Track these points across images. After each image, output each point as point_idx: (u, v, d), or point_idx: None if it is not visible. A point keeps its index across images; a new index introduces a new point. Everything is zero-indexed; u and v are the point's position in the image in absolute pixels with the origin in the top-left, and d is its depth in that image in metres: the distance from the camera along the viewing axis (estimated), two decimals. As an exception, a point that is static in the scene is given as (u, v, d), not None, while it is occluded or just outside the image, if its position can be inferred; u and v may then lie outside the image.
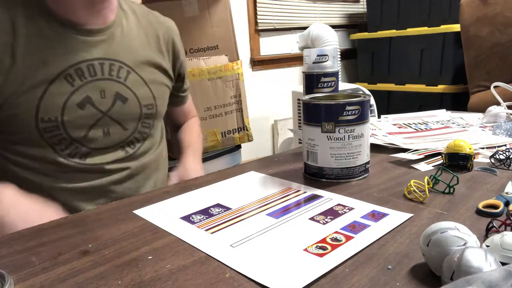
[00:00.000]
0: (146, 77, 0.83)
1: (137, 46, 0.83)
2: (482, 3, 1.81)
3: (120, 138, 0.81)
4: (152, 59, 0.85)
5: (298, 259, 0.43)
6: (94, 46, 0.77)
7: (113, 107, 0.78)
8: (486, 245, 0.39)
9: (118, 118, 0.79)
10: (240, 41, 2.48)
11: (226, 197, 0.63)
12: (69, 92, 0.73)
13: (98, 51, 0.77)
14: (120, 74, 0.79)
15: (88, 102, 0.75)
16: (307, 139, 0.68)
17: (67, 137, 0.75)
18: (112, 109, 0.78)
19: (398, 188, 0.62)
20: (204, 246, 0.47)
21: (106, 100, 0.77)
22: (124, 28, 0.82)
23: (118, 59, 0.79)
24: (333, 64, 0.76)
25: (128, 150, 0.83)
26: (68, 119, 0.73)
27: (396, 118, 1.09)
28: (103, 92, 0.77)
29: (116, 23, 0.81)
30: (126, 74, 0.80)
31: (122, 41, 0.81)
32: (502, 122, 0.92)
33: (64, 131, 0.74)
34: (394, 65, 2.72)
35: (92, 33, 0.77)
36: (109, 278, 0.42)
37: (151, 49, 0.86)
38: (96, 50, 0.77)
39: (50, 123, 0.73)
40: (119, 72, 0.79)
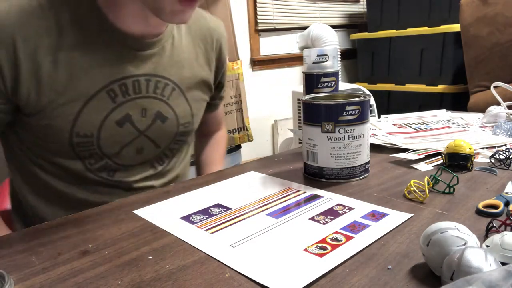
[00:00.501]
0: (189, 95, 0.79)
1: (185, 61, 0.78)
2: (482, 3, 1.81)
3: (151, 155, 0.78)
4: (198, 74, 0.81)
5: (298, 259, 0.43)
6: (143, 60, 0.71)
7: (152, 127, 0.75)
8: (486, 245, 0.39)
9: (154, 137, 0.76)
10: (240, 41, 2.49)
11: (226, 197, 0.63)
12: (110, 108, 0.69)
13: (147, 67, 0.72)
14: (165, 92, 0.75)
15: (128, 121, 0.71)
16: (307, 139, 0.68)
17: (99, 152, 0.71)
18: (150, 128, 0.75)
19: (398, 188, 0.62)
20: (204, 246, 0.47)
21: (146, 119, 0.73)
22: (175, 41, 0.77)
23: (165, 75, 0.74)
24: (333, 64, 0.76)
25: (157, 166, 0.80)
26: (104, 135, 0.70)
27: (396, 118, 1.09)
28: (144, 110, 0.73)
29: (167, 35, 0.75)
30: (171, 92, 0.76)
31: (172, 55, 0.76)
32: (502, 122, 0.92)
33: (98, 147, 0.71)
34: (394, 65, 2.72)
35: (142, 46, 0.71)
36: (109, 278, 0.42)
37: (199, 63, 0.82)
38: (145, 66, 0.71)
39: (85, 138, 0.69)
40: (164, 90, 0.75)
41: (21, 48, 0.62)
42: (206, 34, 0.84)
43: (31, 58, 0.63)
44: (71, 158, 0.71)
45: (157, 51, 0.73)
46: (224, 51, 0.88)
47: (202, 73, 0.82)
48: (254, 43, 2.73)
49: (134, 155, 0.75)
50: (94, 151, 0.71)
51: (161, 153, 0.80)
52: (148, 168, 0.79)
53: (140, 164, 0.78)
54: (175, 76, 0.76)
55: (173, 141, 0.80)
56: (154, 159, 0.79)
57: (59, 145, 0.69)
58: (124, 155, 0.74)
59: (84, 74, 0.66)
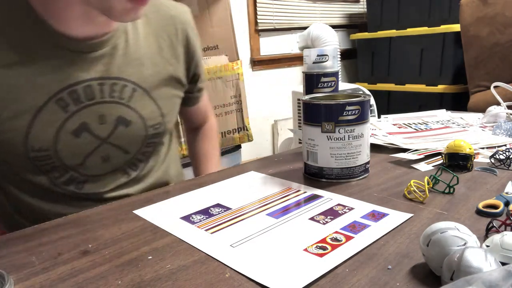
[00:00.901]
0: (155, 94, 0.73)
1: (145, 58, 0.72)
2: (482, 3, 1.81)
3: (121, 162, 0.73)
4: (164, 70, 0.75)
5: (298, 259, 0.43)
6: (92, 63, 0.65)
7: (114, 133, 0.70)
8: (486, 245, 0.39)
9: (119, 143, 0.71)
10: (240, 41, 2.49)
11: (226, 197, 0.63)
12: (62, 119, 0.64)
13: (98, 70, 0.66)
14: (124, 95, 0.69)
15: (85, 130, 0.67)
16: (307, 139, 0.68)
17: (61, 165, 0.67)
18: (113, 135, 0.70)
19: (398, 188, 0.62)
20: (204, 246, 0.47)
21: (106, 126, 0.68)
22: (130, 37, 0.70)
23: (121, 76, 0.68)
24: (333, 64, 0.76)
25: (130, 173, 0.75)
26: (62, 148, 0.65)
27: (396, 118, 1.09)
28: (103, 117, 0.68)
29: (119, 32, 0.68)
30: (131, 93, 0.70)
31: (127, 53, 0.69)
32: (502, 122, 0.92)
33: (58, 160, 0.66)
34: (394, 65, 2.72)
35: (90, 47, 0.65)
36: (109, 278, 0.42)
37: (164, 57, 0.75)
38: (95, 68, 0.66)
39: (42, 152, 0.64)
40: (122, 92, 0.69)
41: None
42: (169, 23, 0.76)
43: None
44: (35, 173, 0.67)
45: (108, 51, 0.67)
46: (193, 39, 0.81)
47: (169, 68, 0.76)
48: (254, 43, 2.73)
49: (101, 164, 0.71)
50: (55, 164, 0.67)
51: (132, 158, 0.74)
52: (120, 176, 0.74)
53: (111, 173, 0.73)
54: (134, 75, 0.70)
55: (144, 145, 0.75)
56: (126, 166, 0.74)
57: (18, 161, 0.66)
58: (89, 165, 0.69)
59: (29, 85, 0.61)
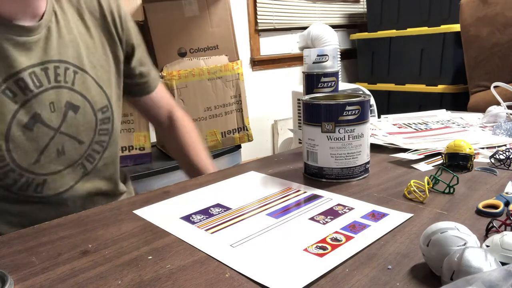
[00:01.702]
0: (94, 73, 0.71)
1: (78, 39, 0.69)
2: (482, 3, 1.81)
3: (76, 155, 0.70)
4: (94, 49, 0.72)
5: (298, 259, 0.43)
6: (31, 48, 0.63)
7: (65, 120, 0.67)
8: (486, 245, 0.39)
9: (71, 132, 0.68)
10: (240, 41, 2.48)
11: (226, 197, 0.63)
12: (13, 111, 0.61)
13: (37, 55, 0.63)
14: (67, 78, 0.66)
15: (38, 121, 0.63)
16: (307, 139, 0.68)
17: (15, 168, 0.63)
18: (64, 123, 0.67)
19: (398, 188, 0.62)
20: (204, 246, 0.47)
21: (56, 114, 0.65)
22: (59, 18, 0.68)
23: (61, 58, 0.66)
24: (333, 64, 0.76)
25: (87, 166, 0.72)
26: (14, 145, 0.61)
27: (396, 118, 1.09)
28: (52, 104, 0.65)
29: (49, 14, 0.66)
30: (73, 76, 0.67)
31: (61, 35, 0.67)
32: (502, 122, 0.92)
33: (12, 161, 0.62)
34: (394, 65, 2.72)
35: (26, 31, 0.62)
36: (109, 278, 0.42)
37: (92, 36, 0.72)
38: (35, 53, 0.63)
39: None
40: (66, 75, 0.66)
41: None
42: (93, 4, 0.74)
43: None
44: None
45: (44, 35, 0.65)
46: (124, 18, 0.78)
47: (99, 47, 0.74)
48: (254, 43, 2.73)
49: (56, 158, 0.67)
50: (9, 166, 0.63)
51: (88, 149, 0.72)
52: (77, 170, 0.71)
53: (68, 168, 0.70)
54: (72, 57, 0.68)
55: (96, 133, 0.72)
56: (82, 159, 0.71)
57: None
58: (44, 162, 0.66)
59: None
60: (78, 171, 0.72)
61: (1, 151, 0.61)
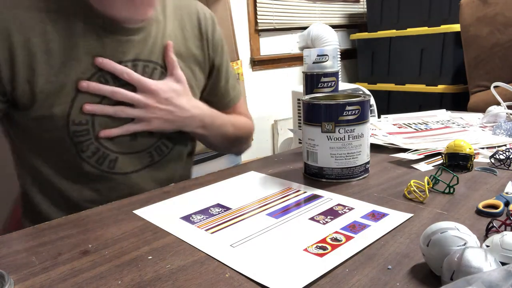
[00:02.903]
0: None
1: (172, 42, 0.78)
2: (482, 3, 1.81)
3: (146, 144, 0.77)
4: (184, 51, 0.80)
5: (298, 259, 0.43)
6: (129, 46, 0.72)
7: None
8: (486, 245, 0.39)
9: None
10: (240, 41, 2.49)
11: (226, 197, 0.63)
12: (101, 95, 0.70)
13: (133, 52, 0.73)
14: (153, 76, 0.75)
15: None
16: (307, 139, 0.68)
17: (95, 142, 0.72)
18: None
19: (398, 188, 0.62)
20: (204, 246, 0.47)
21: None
22: (160, 26, 0.77)
23: (151, 59, 0.75)
24: (333, 64, 0.76)
25: (154, 156, 0.79)
26: (99, 122, 0.71)
27: (396, 118, 1.09)
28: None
29: (152, 20, 0.75)
30: (159, 76, 0.76)
31: (157, 40, 0.76)
32: (502, 122, 0.92)
33: (93, 135, 0.71)
34: (394, 65, 2.72)
35: (129, 31, 0.72)
36: (109, 278, 0.42)
37: (186, 42, 0.81)
38: (131, 51, 0.72)
39: (82, 126, 0.70)
40: (152, 74, 0.75)
41: (15, 38, 0.64)
42: (194, 18, 0.83)
43: (25, 48, 0.65)
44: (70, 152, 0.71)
45: (143, 36, 0.74)
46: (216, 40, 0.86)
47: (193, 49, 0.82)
48: (254, 43, 2.73)
49: (129, 142, 0.75)
50: (91, 140, 0.71)
51: (157, 142, 0.78)
52: (146, 157, 0.78)
53: (138, 153, 0.77)
54: (163, 59, 0.76)
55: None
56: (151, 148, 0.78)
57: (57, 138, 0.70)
58: (118, 142, 0.74)
59: (75, 62, 0.68)
60: (146, 159, 0.78)
61: (87, 125, 0.70)
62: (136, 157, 0.77)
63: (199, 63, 0.84)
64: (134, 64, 0.73)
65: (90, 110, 0.70)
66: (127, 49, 0.72)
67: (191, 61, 0.82)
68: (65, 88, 0.68)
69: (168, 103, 0.74)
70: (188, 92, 0.79)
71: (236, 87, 0.96)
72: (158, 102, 0.73)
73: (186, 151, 0.87)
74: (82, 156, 0.72)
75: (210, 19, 0.86)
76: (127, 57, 0.72)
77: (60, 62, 0.67)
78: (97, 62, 0.69)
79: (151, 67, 0.75)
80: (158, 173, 0.81)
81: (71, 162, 0.72)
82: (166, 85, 0.75)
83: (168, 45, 0.76)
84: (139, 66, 0.73)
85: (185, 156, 0.87)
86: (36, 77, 0.66)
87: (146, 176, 0.79)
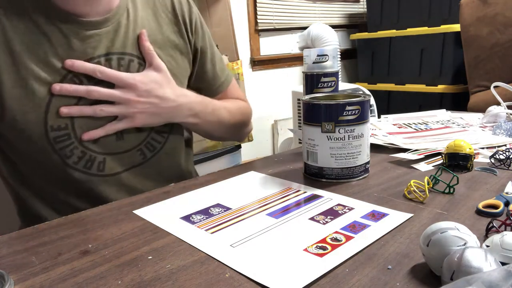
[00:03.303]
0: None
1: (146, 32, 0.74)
2: (482, 3, 1.81)
3: (135, 141, 0.74)
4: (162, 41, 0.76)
5: (298, 259, 0.43)
6: (98, 40, 0.68)
7: None
8: (486, 245, 0.39)
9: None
10: (240, 41, 2.48)
11: (226, 197, 0.63)
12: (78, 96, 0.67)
13: (104, 45, 0.69)
14: (131, 69, 0.72)
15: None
16: (307, 139, 0.68)
17: (79, 145, 0.69)
18: None
19: (398, 188, 0.62)
20: (204, 246, 0.47)
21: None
22: (131, 14, 0.73)
23: (126, 51, 0.71)
24: (333, 64, 0.76)
25: (146, 153, 0.76)
26: (78, 124, 0.68)
27: (396, 118, 1.09)
28: None
29: (121, 9, 0.72)
30: (138, 68, 0.72)
31: (129, 30, 0.72)
32: (502, 122, 0.92)
33: (76, 139, 0.68)
34: (394, 65, 2.72)
35: (96, 25, 0.68)
36: (109, 278, 0.42)
37: (163, 33, 0.77)
38: (101, 45, 0.69)
39: (61, 131, 0.67)
40: (130, 67, 0.71)
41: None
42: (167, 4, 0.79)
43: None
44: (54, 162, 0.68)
45: (112, 28, 0.70)
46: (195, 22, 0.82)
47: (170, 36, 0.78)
48: (254, 43, 2.73)
49: (115, 142, 0.72)
50: (74, 144, 0.68)
51: (147, 137, 0.75)
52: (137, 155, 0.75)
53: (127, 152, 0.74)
54: (137, 50, 0.72)
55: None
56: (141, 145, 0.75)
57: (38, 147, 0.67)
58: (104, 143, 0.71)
59: (44, 64, 0.64)
60: (137, 157, 0.75)
61: (67, 129, 0.67)
62: (126, 156, 0.74)
63: (180, 49, 0.80)
64: (108, 58, 0.69)
65: (67, 113, 0.66)
66: (97, 43, 0.68)
67: (170, 48, 0.78)
68: (36, 93, 0.64)
69: (149, 95, 0.70)
70: (170, 81, 0.74)
71: (224, 70, 0.91)
72: (139, 96, 0.69)
73: (182, 143, 0.84)
74: (67, 163, 0.69)
75: (185, 1, 0.82)
76: (98, 52, 0.68)
77: (25, 64, 0.63)
78: (66, 65, 0.65)
79: (126, 60, 0.71)
80: (153, 170, 0.78)
81: (58, 171, 0.69)
82: (145, 76, 0.71)
83: (141, 33, 0.72)
84: (113, 60, 0.70)
85: (182, 148, 0.84)
86: (2, 82, 0.63)
87: (140, 175, 0.76)
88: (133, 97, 0.69)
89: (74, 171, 0.70)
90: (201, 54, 0.85)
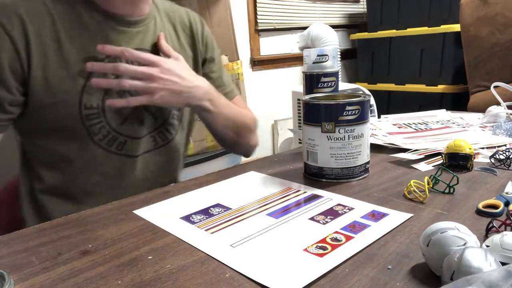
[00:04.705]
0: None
1: (168, 40, 0.85)
2: (482, 3, 1.81)
3: (151, 127, 0.82)
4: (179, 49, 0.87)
5: (298, 259, 0.43)
6: (132, 37, 0.79)
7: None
8: (486, 245, 0.39)
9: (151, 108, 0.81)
10: (240, 41, 2.48)
11: (226, 197, 0.63)
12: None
13: (136, 42, 0.79)
14: None
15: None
16: (307, 139, 0.68)
17: (106, 125, 0.76)
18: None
19: (398, 188, 0.62)
20: (204, 246, 0.47)
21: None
22: (157, 22, 0.84)
23: (154, 49, 0.81)
24: (333, 64, 0.76)
25: (158, 140, 0.85)
26: (108, 108, 0.75)
27: (396, 118, 1.09)
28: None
29: (150, 16, 0.83)
30: None
31: (155, 34, 0.82)
32: (502, 122, 0.92)
33: (104, 119, 0.76)
34: (394, 65, 2.72)
35: (130, 24, 0.78)
36: (109, 278, 0.42)
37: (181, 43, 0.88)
38: (134, 41, 0.79)
39: (93, 110, 0.75)
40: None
41: (29, 28, 0.69)
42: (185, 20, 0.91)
43: (37, 37, 0.70)
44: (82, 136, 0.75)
45: (142, 29, 0.80)
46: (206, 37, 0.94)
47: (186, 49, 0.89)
48: (254, 43, 2.73)
49: (137, 126, 0.80)
50: (102, 124, 0.76)
51: (160, 127, 0.84)
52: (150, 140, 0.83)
53: (144, 137, 0.82)
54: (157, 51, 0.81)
55: (170, 116, 0.85)
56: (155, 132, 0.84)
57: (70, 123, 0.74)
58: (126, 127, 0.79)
59: (83, 51, 0.74)
60: (150, 143, 0.84)
61: (98, 109, 0.75)
62: (142, 141, 0.82)
63: (192, 59, 0.90)
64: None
65: (97, 83, 0.73)
66: (130, 40, 0.78)
67: (185, 57, 0.86)
68: (76, 75, 0.73)
69: (171, 74, 0.76)
70: (188, 67, 0.82)
71: (231, 84, 1.00)
72: (161, 73, 0.75)
73: (183, 144, 0.93)
74: (94, 139, 0.76)
75: (199, 21, 0.94)
76: (130, 46, 0.77)
77: (69, 51, 0.73)
78: (98, 48, 0.73)
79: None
80: (160, 158, 0.86)
81: (83, 146, 0.76)
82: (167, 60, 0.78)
83: (160, 35, 0.82)
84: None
85: (182, 148, 0.92)
86: (49, 64, 0.71)
87: (149, 160, 0.84)
88: (156, 73, 0.75)
89: (97, 147, 0.78)
90: (210, 62, 0.95)
